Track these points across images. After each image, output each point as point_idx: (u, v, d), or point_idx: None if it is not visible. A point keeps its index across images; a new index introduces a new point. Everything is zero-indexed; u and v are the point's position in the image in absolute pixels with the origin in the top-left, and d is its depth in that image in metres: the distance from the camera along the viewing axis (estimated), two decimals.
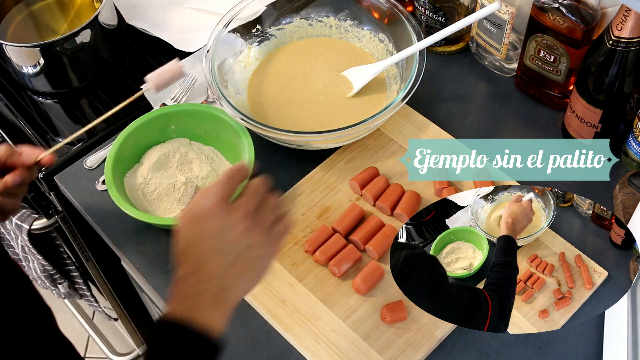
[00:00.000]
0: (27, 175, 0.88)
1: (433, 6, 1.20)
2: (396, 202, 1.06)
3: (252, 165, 0.95)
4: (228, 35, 1.19)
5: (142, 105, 1.23)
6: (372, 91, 1.18)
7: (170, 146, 1.11)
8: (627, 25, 0.94)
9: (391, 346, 0.94)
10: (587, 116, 1.06)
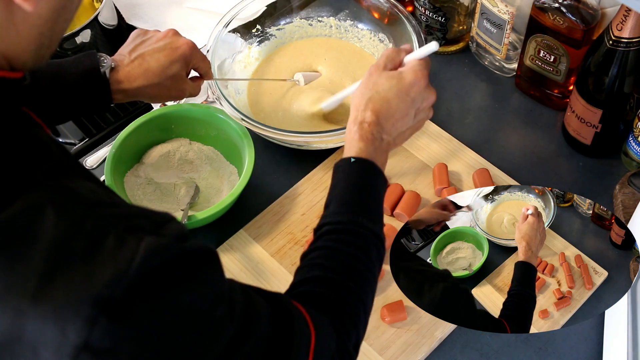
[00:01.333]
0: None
1: (433, 6, 1.20)
2: (396, 202, 1.06)
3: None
4: (228, 35, 1.19)
5: (142, 105, 1.23)
6: None
7: (170, 146, 1.11)
8: (627, 25, 0.94)
9: (391, 346, 0.94)
10: (587, 116, 1.06)
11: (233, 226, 1.06)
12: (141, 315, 0.51)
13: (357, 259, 0.74)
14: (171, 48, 0.95)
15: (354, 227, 0.75)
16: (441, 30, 1.23)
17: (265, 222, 1.07)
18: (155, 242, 0.53)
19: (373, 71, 0.86)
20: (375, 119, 0.82)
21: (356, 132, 0.82)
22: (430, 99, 0.87)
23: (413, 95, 0.84)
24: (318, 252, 0.74)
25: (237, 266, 1.02)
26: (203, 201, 1.08)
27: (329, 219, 0.76)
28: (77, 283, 0.50)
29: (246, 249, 1.04)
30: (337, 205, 0.77)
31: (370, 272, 0.75)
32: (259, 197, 1.09)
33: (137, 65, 0.94)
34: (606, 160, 1.12)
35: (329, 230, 0.75)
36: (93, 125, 1.22)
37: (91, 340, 0.49)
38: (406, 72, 0.85)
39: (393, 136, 0.84)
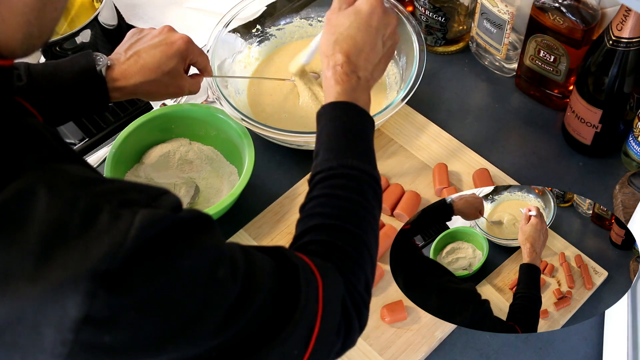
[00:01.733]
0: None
1: (433, 6, 1.20)
2: (396, 202, 1.06)
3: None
4: (228, 35, 1.19)
5: (142, 105, 1.23)
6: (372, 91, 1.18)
7: (170, 146, 1.11)
8: (627, 25, 0.94)
9: (391, 346, 0.94)
10: (587, 116, 1.05)
11: (233, 226, 1.06)
12: (140, 284, 0.52)
13: (353, 201, 0.74)
14: (166, 43, 0.95)
15: (345, 170, 0.75)
16: (441, 30, 1.23)
17: (265, 222, 1.07)
18: (150, 213, 0.53)
19: (330, 16, 0.87)
20: (345, 58, 0.82)
21: (331, 77, 0.82)
22: (393, 23, 0.87)
23: (375, 24, 0.84)
24: (314, 202, 0.74)
25: None
26: (203, 201, 1.08)
27: (319, 167, 0.76)
28: (74, 260, 0.50)
29: None
30: (325, 152, 0.77)
31: (369, 213, 0.75)
32: (259, 197, 1.09)
33: (133, 62, 0.94)
34: (606, 160, 1.12)
35: (322, 178, 0.75)
36: (93, 125, 1.22)
37: (92, 313, 0.50)
38: (360, 4, 0.85)
39: (369, 70, 0.84)
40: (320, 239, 0.71)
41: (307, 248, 0.71)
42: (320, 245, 0.71)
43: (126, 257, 0.51)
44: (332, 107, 0.80)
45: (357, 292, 0.70)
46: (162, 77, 0.95)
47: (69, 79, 0.92)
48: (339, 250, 0.70)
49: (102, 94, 0.93)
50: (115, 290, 0.50)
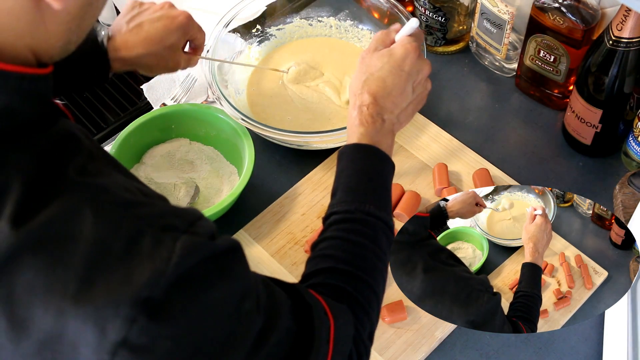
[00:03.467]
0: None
1: (433, 6, 1.20)
2: (396, 202, 1.06)
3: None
4: (228, 35, 1.19)
5: (142, 105, 1.23)
6: None
7: (170, 146, 1.11)
8: (627, 25, 0.94)
9: (391, 346, 0.94)
10: (587, 116, 1.05)
11: (233, 226, 1.06)
12: (178, 314, 0.52)
13: (367, 249, 0.74)
14: (169, 17, 0.96)
15: (362, 216, 0.75)
16: (441, 30, 1.23)
17: (265, 222, 1.07)
18: (190, 240, 0.54)
19: (364, 55, 0.87)
20: (372, 100, 0.82)
21: (356, 117, 0.81)
22: (425, 70, 0.86)
23: (407, 69, 0.84)
24: (328, 243, 0.74)
25: None
26: (203, 201, 1.08)
27: (336, 207, 0.76)
28: (117, 284, 0.51)
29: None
30: (344, 193, 0.77)
31: (380, 261, 0.75)
32: (259, 197, 1.09)
33: (136, 33, 0.94)
34: (606, 160, 1.12)
35: (337, 220, 0.75)
36: (93, 125, 1.22)
37: (130, 338, 0.50)
38: (395, 47, 0.85)
39: (396, 114, 0.83)
40: (331, 283, 0.71)
41: (317, 289, 0.70)
42: (331, 289, 0.71)
43: (167, 285, 0.51)
44: (354, 149, 0.80)
45: (361, 340, 0.71)
46: (162, 51, 0.96)
47: None
48: (349, 297, 0.71)
49: (103, 64, 0.93)
50: (155, 318, 0.51)
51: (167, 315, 0.52)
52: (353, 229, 0.74)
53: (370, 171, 0.79)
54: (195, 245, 0.54)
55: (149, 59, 0.96)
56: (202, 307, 0.54)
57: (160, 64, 0.98)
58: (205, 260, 0.54)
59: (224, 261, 0.57)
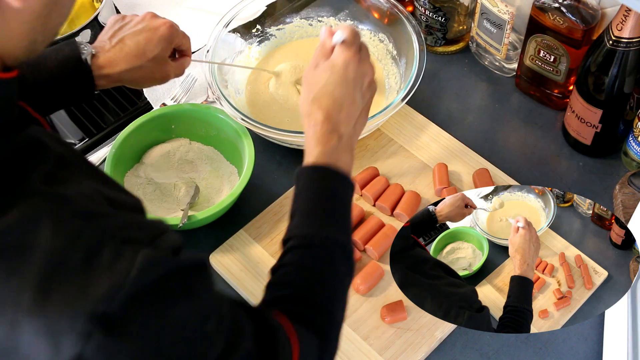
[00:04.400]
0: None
1: (433, 6, 1.20)
2: (396, 202, 1.06)
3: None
4: (228, 35, 1.19)
5: (142, 105, 1.23)
6: None
7: (170, 146, 1.11)
8: (627, 25, 0.94)
9: (391, 346, 0.94)
10: (587, 116, 1.06)
11: (233, 226, 1.06)
12: (135, 330, 0.51)
13: (325, 275, 0.73)
14: (150, 29, 0.95)
15: (320, 241, 0.73)
16: (441, 30, 1.23)
17: (265, 222, 1.07)
18: (152, 254, 0.53)
19: (307, 74, 0.84)
20: (325, 115, 0.79)
21: (311, 137, 0.79)
22: (369, 73, 0.84)
23: (352, 77, 0.81)
24: (286, 269, 0.73)
25: (237, 266, 1.02)
26: (203, 201, 1.08)
27: (294, 232, 0.75)
28: (73, 296, 0.49)
29: (246, 249, 1.04)
30: (302, 217, 0.75)
31: (339, 286, 0.74)
32: (259, 197, 1.09)
33: (118, 49, 0.93)
34: (606, 160, 1.12)
35: (296, 245, 0.74)
36: (93, 125, 1.22)
37: (85, 354, 0.49)
38: (335, 58, 0.82)
39: (351, 125, 0.81)
40: (290, 310, 0.70)
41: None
42: (291, 317, 0.70)
43: (125, 299, 0.50)
44: (311, 170, 0.78)
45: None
46: (147, 64, 0.94)
47: (54, 67, 0.91)
48: (308, 324, 0.70)
49: (88, 83, 0.93)
50: (112, 333, 0.49)
51: (125, 332, 0.50)
52: (311, 255, 0.73)
53: (328, 193, 0.77)
54: (157, 260, 0.53)
55: (134, 73, 0.94)
56: (162, 325, 0.52)
57: (146, 77, 0.96)
58: (167, 276, 0.53)
59: (188, 279, 0.55)
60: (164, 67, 0.97)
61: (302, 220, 0.75)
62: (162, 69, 0.97)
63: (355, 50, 0.83)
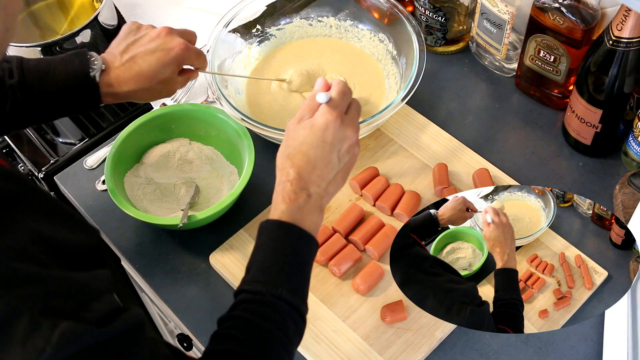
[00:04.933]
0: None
1: (433, 6, 1.20)
2: (396, 202, 1.06)
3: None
4: (228, 35, 1.19)
5: (142, 105, 1.23)
6: (372, 91, 1.18)
7: (170, 146, 1.11)
8: (627, 25, 0.94)
9: (391, 346, 0.94)
10: (587, 116, 1.06)
11: (233, 226, 1.06)
12: None
13: (272, 335, 0.71)
14: (163, 50, 0.93)
15: (272, 300, 0.72)
16: (441, 30, 1.23)
17: None
18: (71, 328, 0.50)
19: (290, 126, 0.83)
20: (297, 175, 0.78)
21: (279, 193, 0.78)
22: (350, 137, 0.81)
23: (329, 140, 0.79)
24: (234, 322, 0.72)
25: (237, 266, 1.02)
26: (203, 201, 1.08)
27: (248, 286, 0.74)
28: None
29: (246, 249, 1.04)
30: (258, 271, 0.74)
31: (284, 349, 0.72)
32: (259, 197, 1.09)
33: (128, 68, 0.92)
34: (606, 160, 1.12)
35: (247, 300, 0.73)
36: (93, 125, 1.22)
37: None
38: (316, 119, 0.81)
39: (323, 187, 0.79)
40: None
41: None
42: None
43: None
44: (275, 226, 0.77)
45: None
46: (156, 85, 0.93)
47: (61, 79, 0.90)
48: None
49: (95, 98, 0.92)
50: None
51: None
52: (261, 313, 0.71)
53: (288, 252, 0.76)
54: (76, 334, 0.50)
55: (142, 93, 0.94)
56: None
57: (152, 96, 0.96)
58: (87, 351, 0.50)
59: (116, 347, 0.53)
60: (172, 87, 0.96)
61: (258, 275, 0.74)
62: (169, 88, 0.96)
63: (339, 112, 0.81)
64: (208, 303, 1.01)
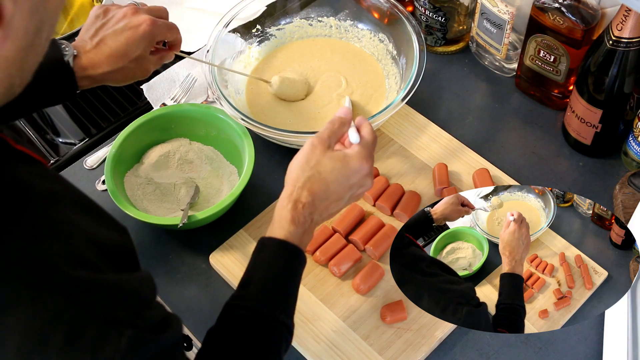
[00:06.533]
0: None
1: (433, 6, 1.20)
2: (396, 202, 1.06)
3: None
4: (228, 35, 1.19)
5: (142, 105, 1.23)
6: (372, 91, 1.18)
7: (170, 146, 1.11)
8: (627, 25, 0.94)
9: (391, 346, 0.94)
10: (587, 116, 1.06)
11: (233, 226, 1.06)
12: None
13: (268, 353, 0.73)
14: (131, 28, 0.94)
15: (271, 323, 0.73)
16: (441, 30, 1.23)
17: (265, 222, 1.07)
18: (136, 337, 0.51)
19: (317, 145, 0.82)
20: (310, 200, 0.79)
21: (289, 211, 0.78)
22: (367, 187, 0.84)
23: (352, 182, 0.82)
24: (232, 338, 0.72)
25: (237, 266, 1.02)
26: (203, 201, 1.08)
27: (248, 302, 0.74)
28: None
29: (246, 249, 1.04)
30: (259, 290, 0.75)
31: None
32: (259, 197, 1.09)
33: (99, 50, 0.93)
34: (606, 160, 1.12)
35: (245, 316, 0.73)
36: (93, 125, 1.22)
37: None
38: (353, 157, 0.82)
39: (324, 217, 0.82)
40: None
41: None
42: None
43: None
44: (280, 246, 0.78)
45: None
46: (129, 64, 0.94)
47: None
48: None
49: (71, 83, 0.92)
50: None
51: None
52: (259, 333, 0.73)
53: (289, 274, 0.77)
54: (140, 343, 0.51)
55: (116, 74, 0.94)
56: None
57: (128, 76, 0.96)
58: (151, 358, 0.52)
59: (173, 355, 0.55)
60: (145, 65, 0.97)
61: (259, 294, 0.75)
62: (142, 67, 0.97)
63: (371, 161, 0.84)
64: (208, 303, 1.01)
